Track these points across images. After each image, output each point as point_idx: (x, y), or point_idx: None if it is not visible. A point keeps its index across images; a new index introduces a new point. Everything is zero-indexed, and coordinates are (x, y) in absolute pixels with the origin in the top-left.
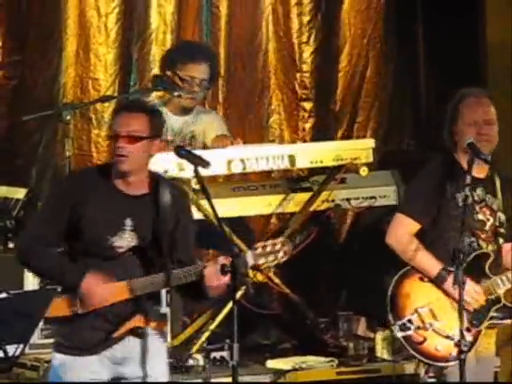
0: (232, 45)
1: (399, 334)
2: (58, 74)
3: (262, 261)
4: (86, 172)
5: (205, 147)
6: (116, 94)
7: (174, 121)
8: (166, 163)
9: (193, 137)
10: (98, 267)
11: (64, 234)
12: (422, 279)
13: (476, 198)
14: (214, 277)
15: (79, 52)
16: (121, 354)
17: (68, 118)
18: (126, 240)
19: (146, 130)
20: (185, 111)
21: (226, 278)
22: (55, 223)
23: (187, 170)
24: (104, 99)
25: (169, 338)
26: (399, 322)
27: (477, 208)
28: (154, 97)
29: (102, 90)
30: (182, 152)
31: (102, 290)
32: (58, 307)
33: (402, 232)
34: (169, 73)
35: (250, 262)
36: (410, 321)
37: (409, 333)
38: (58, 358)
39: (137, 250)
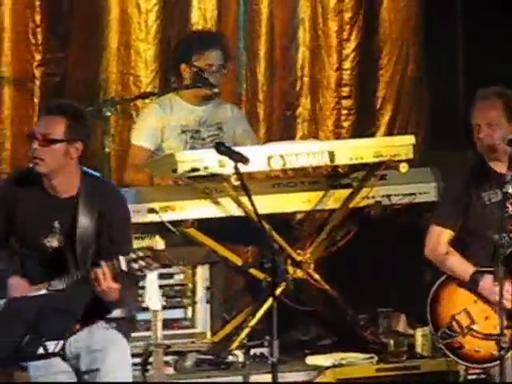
0: (272, 41)
1: (441, 344)
2: (99, 70)
3: (135, 266)
4: (21, 174)
5: (235, 143)
6: (156, 91)
7: (194, 111)
8: (206, 159)
9: (219, 128)
10: (32, 269)
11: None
12: (459, 285)
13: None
14: (99, 281)
15: (120, 48)
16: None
17: (108, 114)
18: (56, 242)
19: (62, 133)
20: (204, 101)
21: (113, 285)
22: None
23: (227, 167)
24: (144, 95)
25: (208, 335)
26: (439, 332)
27: (507, 204)
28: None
29: (142, 86)
30: (222, 148)
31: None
32: None
33: (437, 244)
34: (183, 66)
35: (123, 267)
36: (449, 328)
37: (449, 340)
38: None
39: (59, 253)
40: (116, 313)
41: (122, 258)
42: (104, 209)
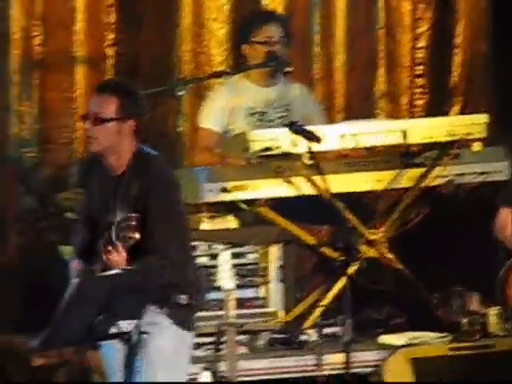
0: (346, 22)
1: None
2: (172, 49)
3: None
4: (92, 154)
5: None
6: (229, 70)
7: (261, 92)
8: (279, 139)
9: (288, 110)
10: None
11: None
12: None
13: None
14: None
15: (193, 28)
16: None
17: (180, 93)
18: (118, 217)
19: (114, 111)
20: (270, 81)
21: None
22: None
23: (300, 146)
24: (217, 74)
25: (281, 314)
26: (508, 312)
27: None
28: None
29: (215, 65)
30: (295, 127)
31: None
32: None
33: (506, 224)
34: (244, 46)
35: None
36: None
37: None
38: None
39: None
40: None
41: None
42: (148, 184)
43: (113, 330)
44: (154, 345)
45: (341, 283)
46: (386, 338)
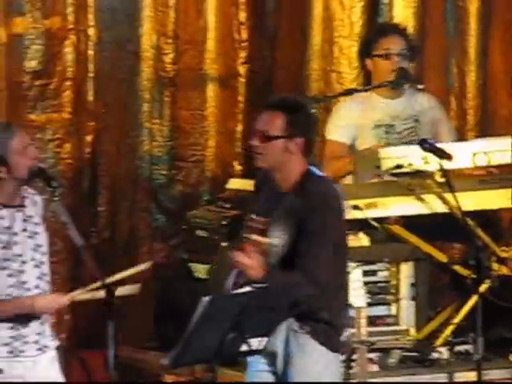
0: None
1: None
2: (302, 67)
3: None
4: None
5: (432, 134)
6: (359, 87)
7: (388, 104)
8: (410, 156)
9: (416, 121)
10: None
11: None
12: None
13: None
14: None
15: (324, 45)
16: None
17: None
18: (277, 236)
19: (280, 128)
20: (396, 93)
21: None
22: None
23: (431, 163)
24: (348, 92)
25: (413, 332)
26: None
27: None
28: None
29: (345, 83)
30: (426, 145)
31: None
32: None
33: None
34: (367, 60)
35: None
36: None
37: None
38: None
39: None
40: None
41: None
42: (307, 212)
43: (243, 348)
44: (301, 366)
45: (472, 301)
46: None
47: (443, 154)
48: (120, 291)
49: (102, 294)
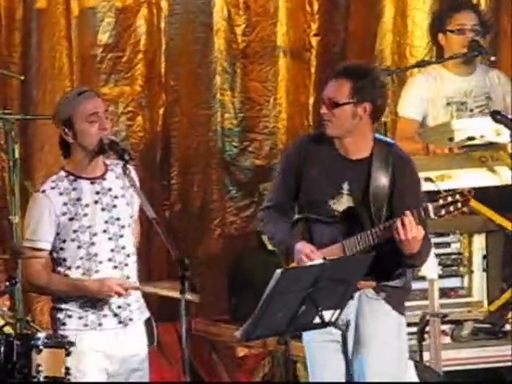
0: None
1: None
2: (375, 40)
3: (443, 212)
4: (311, 137)
5: (506, 110)
6: (431, 60)
7: (459, 81)
8: (482, 128)
9: (488, 98)
10: (320, 232)
11: (295, 199)
12: None
13: None
14: (405, 230)
15: (397, 18)
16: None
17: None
18: (343, 204)
19: (347, 95)
20: (468, 70)
21: (418, 232)
22: (286, 190)
23: (504, 135)
24: (419, 64)
25: (485, 304)
26: None
27: None
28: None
29: (419, 56)
30: (499, 117)
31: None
32: None
33: None
34: (440, 35)
35: (431, 215)
36: None
37: None
38: None
39: (351, 214)
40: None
41: (429, 205)
42: (397, 173)
43: (316, 320)
44: (375, 331)
45: None
46: None
47: None
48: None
49: (170, 293)
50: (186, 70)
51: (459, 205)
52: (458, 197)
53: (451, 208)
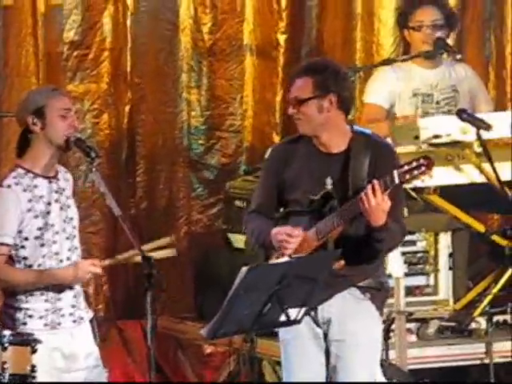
0: None
1: None
2: (343, 38)
3: (407, 176)
4: (289, 139)
5: (470, 104)
6: (397, 57)
7: (426, 74)
8: (448, 126)
9: (455, 90)
10: (296, 222)
11: (277, 202)
12: None
13: None
14: (368, 197)
15: (364, 16)
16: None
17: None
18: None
19: (310, 91)
20: (434, 63)
21: (384, 199)
22: (267, 194)
23: (470, 134)
24: (386, 62)
25: (451, 302)
26: None
27: None
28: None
29: (385, 54)
30: (464, 115)
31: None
32: None
33: None
34: (405, 31)
35: (396, 180)
36: None
37: None
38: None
39: (327, 199)
40: (370, 282)
41: (394, 172)
42: (378, 160)
43: (282, 318)
44: (361, 331)
45: (510, 271)
46: None
47: (482, 124)
48: (158, 254)
49: (136, 258)
50: (151, 68)
51: (423, 168)
52: (422, 161)
53: (415, 172)
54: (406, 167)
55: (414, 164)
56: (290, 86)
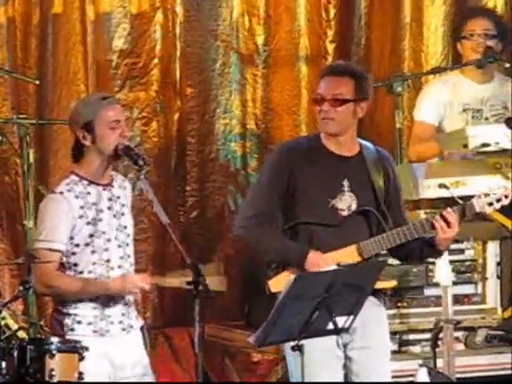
0: None
1: None
2: (394, 46)
3: (486, 208)
4: (294, 142)
5: None
6: (446, 66)
7: (477, 89)
8: (496, 135)
9: (505, 107)
10: (323, 235)
11: (280, 208)
12: None
13: None
14: (449, 226)
15: (412, 25)
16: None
17: (399, 89)
18: (346, 202)
19: (351, 92)
20: (485, 77)
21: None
22: (273, 199)
23: None
24: (435, 71)
25: (499, 310)
26: None
27: None
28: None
29: (434, 62)
30: None
31: (328, 263)
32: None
33: None
34: (458, 45)
35: (477, 209)
36: None
37: None
38: None
39: (359, 213)
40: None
41: (474, 200)
42: (387, 168)
43: (330, 326)
44: (380, 335)
45: None
46: None
47: None
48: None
49: (184, 284)
50: (201, 77)
51: (503, 200)
52: (505, 192)
53: (495, 203)
54: (489, 199)
55: (498, 196)
56: (325, 83)
